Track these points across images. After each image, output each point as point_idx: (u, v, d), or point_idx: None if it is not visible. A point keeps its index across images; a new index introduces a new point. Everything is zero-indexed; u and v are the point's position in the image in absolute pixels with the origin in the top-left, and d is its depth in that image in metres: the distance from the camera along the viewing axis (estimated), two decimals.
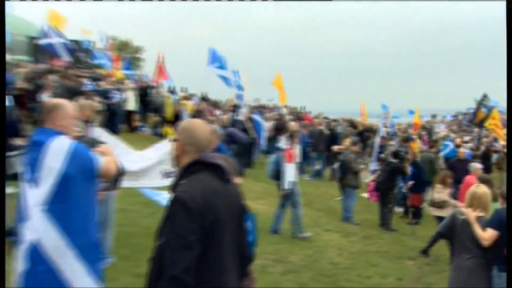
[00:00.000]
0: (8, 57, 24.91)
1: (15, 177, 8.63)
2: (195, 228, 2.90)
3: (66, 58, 23.13)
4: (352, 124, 25.43)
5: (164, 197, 7.44)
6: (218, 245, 3.01)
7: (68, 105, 4.66)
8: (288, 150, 10.66)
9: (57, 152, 4.31)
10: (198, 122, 3.49)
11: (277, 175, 10.71)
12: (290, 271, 8.37)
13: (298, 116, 26.43)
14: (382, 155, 16.92)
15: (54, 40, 22.56)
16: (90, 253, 4.44)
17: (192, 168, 3.14)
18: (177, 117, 18.53)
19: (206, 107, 22.27)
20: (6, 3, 5.79)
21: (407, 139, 16.79)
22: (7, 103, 8.49)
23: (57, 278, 4.28)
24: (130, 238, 8.21)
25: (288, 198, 10.63)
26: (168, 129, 18.77)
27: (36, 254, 4.31)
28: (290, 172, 10.55)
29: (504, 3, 3.55)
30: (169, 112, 20.51)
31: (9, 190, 9.16)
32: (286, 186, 10.52)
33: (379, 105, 22.28)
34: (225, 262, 3.05)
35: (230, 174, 3.18)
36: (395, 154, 13.71)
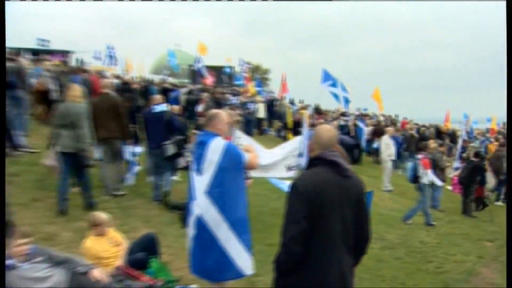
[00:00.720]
0: (176, 80, 26.35)
1: (183, 168, 9.17)
2: (303, 208, 2.90)
3: (211, 79, 24.14)
4: (438, 129, 24.42)
5: (287, 185, 7.51)
6: (325, 224, 2.98)
7: (223, 114, 4.86)
8: (424, 159, 10.45)
9: (215, 149, 4.51)
10: (324, 126, 3.52)
11: (415, 179, 10.55)
12: (387, 247, 8.20)
13: (393, 122, 25.74)
14: (464, 155, 16.36)
15: (201, 65, 23.66)
16: (240, 226, 4.57)
17: (313, 162, 3.17)
18: (296, 124, 18.67)
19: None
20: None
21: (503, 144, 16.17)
22: (164, 109, 9.05)
23: (216, 243, 4.50)
24: (261, 215, 8.36)
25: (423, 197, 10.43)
26: (290, 134, 18.92)
27: (201, 224, 4.55)
28: (426, 177, 10.36)
29: (504, 3, 3.24)
30: (289, 120, 20.69)
31: (175, 178, 9.73)
32: (421, 187, 10.35)
33: (461, 113, 21.56)
34: (332, 239, 3.01)
35: (347, 170, 3.14)
36: (476, 154, 13.16)
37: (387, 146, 14.46)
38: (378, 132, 18.90)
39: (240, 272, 4.60)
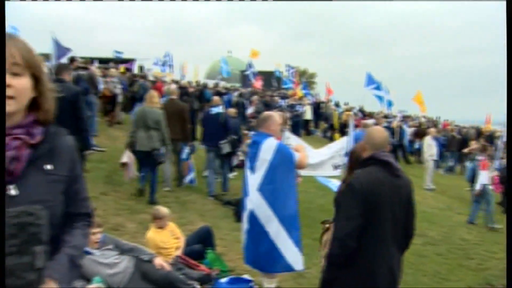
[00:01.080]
0: (228, 84, 26.67)
1: (238, 166, 9.35)
2: (358, 205, 2.91)
3: (260, 83, 24.33)
4: (478, 130, 23.68)
5: (334, 184, 7.46)
6: (377, 221, 2.97)
7: (276, 116, 4.91)
8: (483, 161, 10.18)
9: (268, 148, 4.57)
10: (377, 128, 3.52)
11: (473, 179, 10.35)
12: (429, 243, 8.03)
13: (434, 123, 25.14)
14: (503, 155, 15.68)
15: (252, 70, 23.86)
16: (290, 222, 4.61)
17: (366, 162, 3.16)
18: (342, 125, 18.55)
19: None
20: None
21: None
22: (220, 111, 9.22)
23: (266, 237, 4.55)
24: (309, 211, 8.34)
25: (481, 197, 10.10)
26: (336, 135, 18.78)
27: (253, 219, 4.62)
28: (484, 177, 10.07)
29: (504, 3, 3.10)
30: (336, 121, 20.53)
31: (231, 175, 9.94)
32: (478, 187, 10.05)
33: (503, 115, 20.68)
34: (384, 235, 3.00)
35: (399, 169, 3.13)
36: None
37: (429, 147, 14.16)
38: (420, 133, 18.57)
39: (290, 266, 4.63)
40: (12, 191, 1.43)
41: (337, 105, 24.26)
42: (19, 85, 1.44)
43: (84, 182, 1.75)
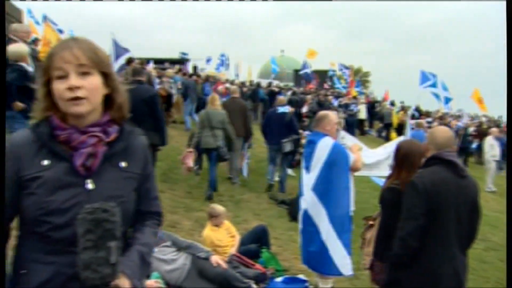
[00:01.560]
0: (281, 83, 26.75)
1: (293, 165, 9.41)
2: (420, 204, 2.85)
3: (315, 82, 24.16)
4: None
5: None
6: (440, 221, 2.89)
7: (332, 116, 4.84)
8: None
9: (323, 148, 4.51)
10: (441, 128, 3.43)
11: None
12: (491, 248, 7.66)
13: (496, 123, 24.02)
14: None
15: (307, 70, 23.75)
16: (341, 224, 4.53)
17: (429, 162, 3.08)
18: (400, 125, 18.13)
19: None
20: None
21: None
22: (286, 110, 9.32)
23: (318, 237, 4.49)
24: (363, 212, 8.13)
25: None
26: (393, 134, 18.37)
27: (307, 219, 4.58)
28: None
29: (504, 3, 2.93)
30: (395, 121, 20.07)
31: (290, 172, 9.96)
32: None
33: None
34: (446, 236, 2.91)
35: (464, 169, 3.03)
36: None
37: (491, 147, 13.59)
38: (480, 133, 17.76)
39: (338, 270, 4.54)
40: (89, 185, 1.49)
41: (392, 104, 23.76)
42: (89, 85, 1.48)
43: (154, 181, 1.79)
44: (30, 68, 5.91)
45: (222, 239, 5.30)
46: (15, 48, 5.70)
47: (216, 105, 8.27)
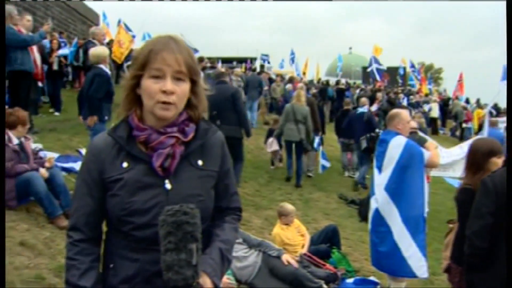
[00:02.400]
0: (350, 81, 26.36)
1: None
2: (489, 204, 2.73)
3: (384, 80, 23.56)
4: None
5: None
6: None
7: (404, 114, 4.70)
8: None
9: (396, 147, 4.38)
10: None
11: None
12: None
13: None
14: None
15: (375, 67, 23.21)
16: (415, 225, 4.37)
17: (506, 162, 2.93)
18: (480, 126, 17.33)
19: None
20: None
21: None
22: (365, 110, 9.63)
23: (390, 238, 4.37)
24: (438, 214, 7.91)
25: None
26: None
27: (378, 219, 4.48)
28: None
29: (504, 3, 2.67)
30: (476, 121, 19.14)
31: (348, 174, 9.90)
32: None
33: None
34: None
35: None
36: None
37: None
38: None
39: (412, 272, 4.39)
40: (168, 185, 1.53)
41: (467, 101, 22.68)
42: (181, 92, 1.51)
43: (233, 177, 1.79)
44: (107, 69, 6.20)
45: (292, 238, 5.31)
46: (97, 51, 6.00)
47: (301, 101, 8.89)
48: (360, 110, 9.96)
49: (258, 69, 22.30)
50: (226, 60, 22.94)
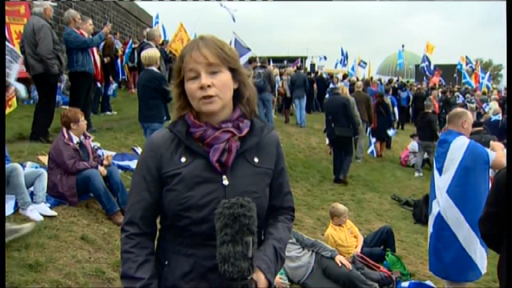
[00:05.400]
0: (405, 80, 25.77)
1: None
2: (494, 193, 2.66)
3: (438, 78, 22.96)
4: None
5: None
6: None
7: (469, 113, 4.53)
8: None
9: (458, 148, 4.21)
10: None
11: None
12: None
13: None
14: None
15: (425, 65, 22.70)
16: None
17: None
18: None
19: None
20: None
21: None
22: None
23: (456, 242, 4.21)
24: None
25: None
26: None
27: (440, 223, 4.32)
28: None
29: (504, 3, 2.45)
30: None
31: (416, 174, 9.75)
32: None
33: None
34: None
35: None
36: None
37: None
38: None
39: (480, 272, 4.23)
40: (225, 181, 1.54)
41: None
42: (219, 82, 1.52)
43: (287, 176, 1.78)
44: (158, 71, 6.32)
45: (345, 239, 5.24)
46: (149, 53, 6.12)
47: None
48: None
49: (309, 69, 22.20)
50: (277, 60, 22.94)
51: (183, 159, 1.55)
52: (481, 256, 4.20)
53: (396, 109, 14.95)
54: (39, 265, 3.43)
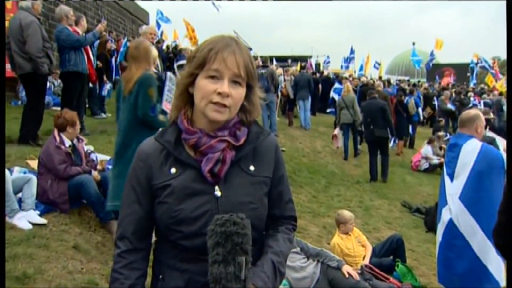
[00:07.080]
0: (415, 80, 25.72)
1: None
2: (503, 203, 2.49)
3: (450, 77, 22.98)
4: None
5: None
6: None
7: (482, 116, 4.50)
8: None
9: (470, 152, 4.17)
10: None
11: None
12: None
13: None
14: None
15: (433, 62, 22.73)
16: None
17: None
18: None
19: None
20: None
21: None
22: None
23: (470, 252, 4.17)
24: None
25: None
26: None
27: (452, 231, 4.28)
28: None
29: (504, 3, 2.48)
30: None
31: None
32: None
33: None
34: None
35: None
36: None
37: None
38: None
39: (498, 284, 4.20)
40: (217, 192, 1.51)
41: None
42: (237, 95, 1.50)
43: (288, 183, 1.75)
44: (155, 70, 6.30)
45: (352, 248, 5.22)
46: None
47: (349, 91, 11.99)
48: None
49: (314, 69, 22.19)
50: (280, 59, 22.93)
51: (173, 170, 1.53)
52: (497, 266, 4.16)
53: (420, 110, 15.03)
54: (27, 277, 3.39)
